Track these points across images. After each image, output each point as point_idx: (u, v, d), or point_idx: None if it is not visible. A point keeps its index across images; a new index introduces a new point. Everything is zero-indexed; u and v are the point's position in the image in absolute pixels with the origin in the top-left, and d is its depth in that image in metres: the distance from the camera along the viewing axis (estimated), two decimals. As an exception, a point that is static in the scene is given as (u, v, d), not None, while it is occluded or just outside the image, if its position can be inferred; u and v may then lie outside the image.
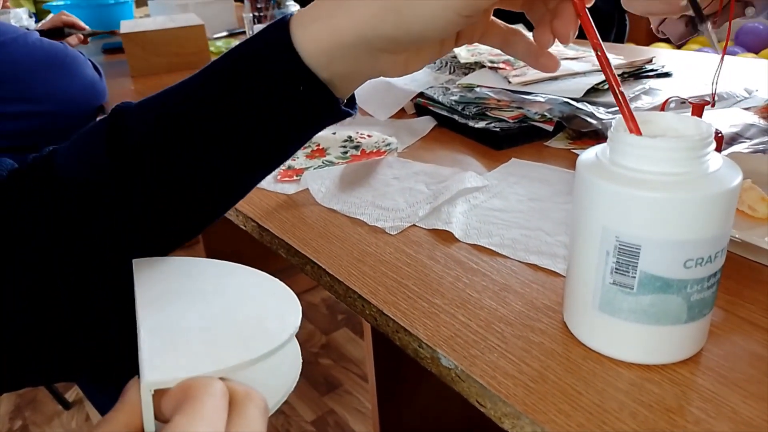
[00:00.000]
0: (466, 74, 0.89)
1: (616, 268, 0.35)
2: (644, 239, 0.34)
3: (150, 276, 0.36)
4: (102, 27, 1.60)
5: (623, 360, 0.37)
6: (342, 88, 0.41)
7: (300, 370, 0.34)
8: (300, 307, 0.34)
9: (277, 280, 0.37)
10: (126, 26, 1.29)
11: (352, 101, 0.45)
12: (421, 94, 0.86)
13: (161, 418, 0.28)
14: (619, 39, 1.70)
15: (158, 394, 0.27)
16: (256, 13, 1.12)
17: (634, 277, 0.35)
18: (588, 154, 0.37)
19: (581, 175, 0.36)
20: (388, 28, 0.36)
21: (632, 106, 0.75)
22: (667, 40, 0.75)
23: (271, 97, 0.39)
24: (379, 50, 0.38)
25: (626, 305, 0.35)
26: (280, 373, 0.33)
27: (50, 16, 1.42)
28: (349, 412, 1.42)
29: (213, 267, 0.38)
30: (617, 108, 0.66)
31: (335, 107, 0.41)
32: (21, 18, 1.59)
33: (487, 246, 0.51)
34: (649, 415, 0.33)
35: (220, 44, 1.48)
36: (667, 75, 0.87)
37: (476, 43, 1.00)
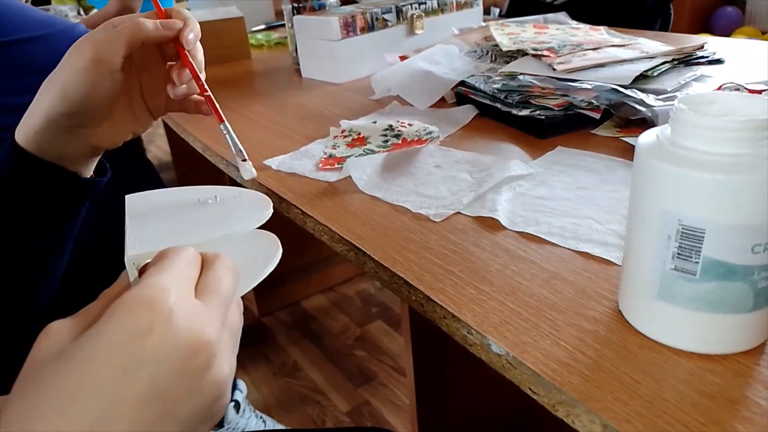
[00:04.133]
0: (507, 62, 0.88)
1: (678, 254, 0.34)
2: (709, 223, 0.32)
3: (140, 198, 0.42)
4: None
5: (683, 349, 0.36)
6: (74, 164, 0.50)
7: (276, 262, 0.37)
8: (271, 205, 0.40)
9: (256, 191, 0.43)
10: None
11: (102, 171, 0.55)
12: (461, 83, 0.85)
13: None
14: (664, 29, 1.66)
15: (144, 271, 0.31)
16: (295, 4, 1.12)
17: (697, 263, 0.33)
18: (648, 137, 0.36)
19: (641, 157, 0.35)
20: (60, 106, 0.45)
21: (683, 93, 0.73)
22: (710, 32, 0.73)
23: (16, 183, 0.48)
24: (72, 127, 0.47)
25: (688, 292, 0.34)
26: (254, 258, 0.37)
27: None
28: (383, 404, 1.42)
29: (201, 188, 0.43)
30: (669, 95, 0.64)
31: (75, 178, 0.50)
32: (67, 15, 1.63)
33: (535, 234, 0.50)
34: (711, 405, 0.32)
35: (260, 37, 1.49)
36: (719, 62, 0.84)
37: (517, 32, 0.98)
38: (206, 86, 0.47)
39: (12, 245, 0.50)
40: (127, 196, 0.41)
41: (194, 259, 0.31)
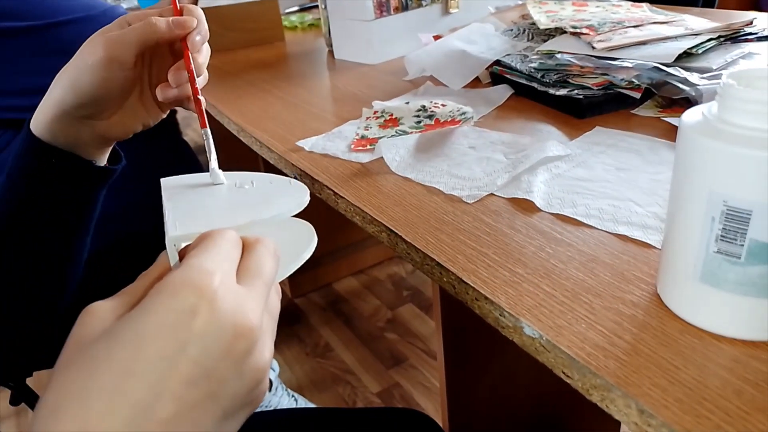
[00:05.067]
0: (545, 41, 0.86)
1: (722, 236, 0.32)
2: (756, 204, 0.31)
3: (175, 181, 0.41)
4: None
5: (725, 335, 0.35)
6: (87, 153, 0.50)
7: (312, 250, 0.37)
8: (308, 192, 0.39)
9: (291, 178, 0.42)
10: (202, 2, 1.31)
11: (116, 159, 0.55)
12: (497, 62, 0.83)
13: None
14: (709, 6, 1.59)
15: (183, 252, 0.31)
16: (329, -15, 1.12)
17: (743, 246, 0.32)
18: (693, 113, 0.34)
19: (685, 134, 0.33)
20: (71, 98, 0.46)
21: (729, 71, 0.70)
22: (760, 9, 0.69)
23: (31, 173, 0.49)
24: (83, 117, 0.48)
25: (732, 276, 0.33)
26: (291, 245, 0.37)
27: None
28: (414, 386, 1.42)
29: (236, 173, 0.43)
30: (715, 73, 0.61)
31: (89, 166, 0.50)
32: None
33: (572, 216, 0.49)
34: (756, 394, 0.31)
35: (294, 19, 1.48)
36: (768, 39, 0.80)
37: (555, 9, 0.96)
38: (199, 90, 0.46)
39: (32, 235, 0.51)
40: (162, 180, 0.41)
41: (236, 242, 0.31)
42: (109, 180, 0.54)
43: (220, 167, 0.42)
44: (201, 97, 0.46)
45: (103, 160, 0.53)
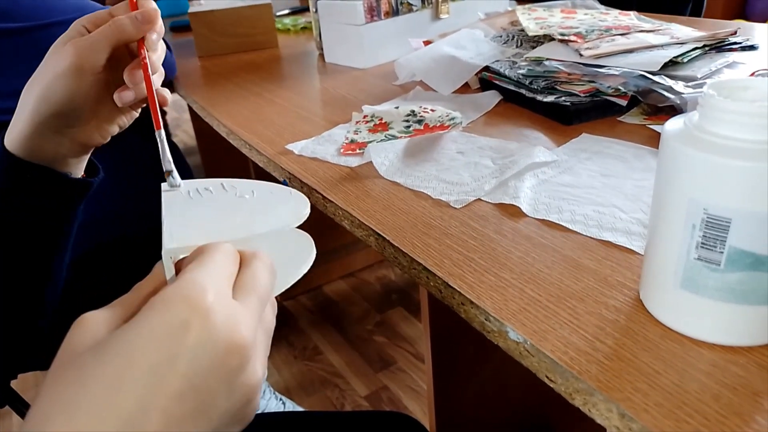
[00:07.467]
0: (534, 47, 0.87)
1: (703, 243, 0.33)
2: (735, 212, 0.31)
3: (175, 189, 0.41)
4: (173, 11, 1.65)
5: (705, 340, 0.35)
6: (65, 165, 0.50)
7: (310, 263, 0.36)
8: (308, 204, 0.38)
9: (292, 189, 0.41)
10: (195, 6, 1.31)
11: (93, 171, 0.54)
12: (486, 68, 0.84)
13: None
14: (696, 15, 1.61)
15: (179, 264, 0.31)
16: (320, -11, 1.12)
17: (722, 253, 0.33)
18: (675, 122, 0.35)
19: (667, 143, 0.34)
20: (45, 109, 0.45)
21: (713, 80, 0.71)
22: (746, 18, 0.71)
23: (6, 191, 0.48)
24: (59, 127, 0.47)
25: (712, 282, 0.33)
26: (289, 258, 0.36)
27: None
28: (402, 389, 1.43)
29: (237, 181, 0.42)
30: (699, 82, 0.62)
31: (66, 180, 0.50)
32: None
33: (557, 222, 0.50)
34: (733, 398, 0.32)
35: (287, 21, 1.48)
36: (752, 48, 0.81)
37: (544, 16, 0.97)
38: (154, 92, 0.43)
39: (11, 249, 0.50)
40: (163, 185, 0.40)
41: (233, 256, 0.31)
42: (87, 194, 0.52)
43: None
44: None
45: (80, 170, 0.52)
